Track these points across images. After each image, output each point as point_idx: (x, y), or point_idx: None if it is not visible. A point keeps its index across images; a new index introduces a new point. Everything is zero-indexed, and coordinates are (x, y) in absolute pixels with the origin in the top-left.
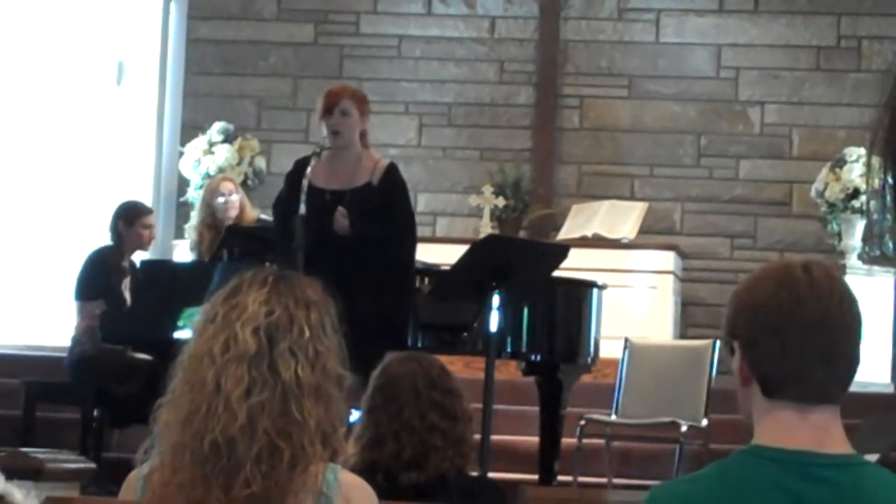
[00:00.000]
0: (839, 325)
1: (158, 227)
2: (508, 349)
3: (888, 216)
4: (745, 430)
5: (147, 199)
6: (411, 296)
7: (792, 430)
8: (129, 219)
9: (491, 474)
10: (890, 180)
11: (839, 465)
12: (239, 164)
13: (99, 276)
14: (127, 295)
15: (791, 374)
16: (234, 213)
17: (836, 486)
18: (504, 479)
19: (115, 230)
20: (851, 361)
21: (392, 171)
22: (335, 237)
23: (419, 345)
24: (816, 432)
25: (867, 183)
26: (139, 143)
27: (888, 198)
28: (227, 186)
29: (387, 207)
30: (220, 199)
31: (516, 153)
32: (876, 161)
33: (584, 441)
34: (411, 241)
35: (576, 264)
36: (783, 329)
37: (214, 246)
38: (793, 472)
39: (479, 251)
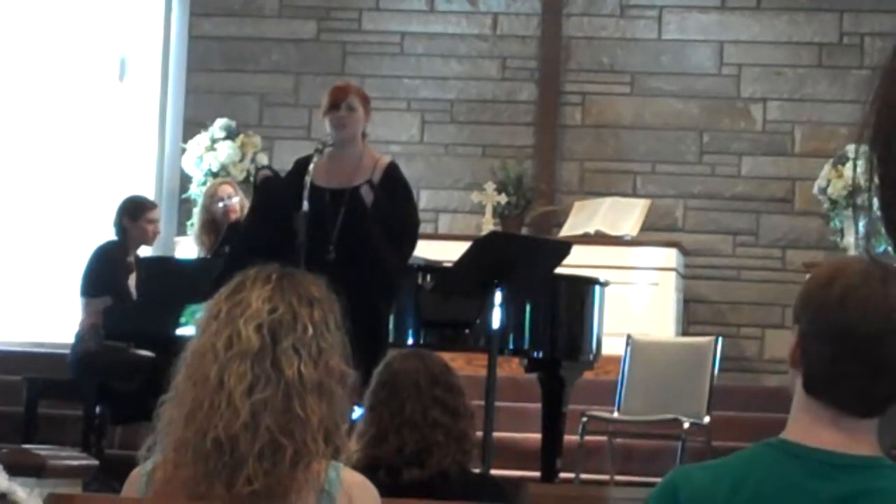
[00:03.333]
0: None
1: (161, 224)
2: (511, 346)
3: (873, 217)
4: (747, 427)
5: (149, 196)
6: (393, 295)
7: (821, 430)
8: (134, 214)
9: (493, 471)
10: (876, 180)
11: (861, 466)
12: (241, 160)
13: (105, 273)
14: (133, 291)
15: (835, 383)
16: (234, 216)
17: (857, 487)
18: (506, 476)
19: (120, 225)
20: None
21: (392, 170)
22: (334, 236)
23: (421, 341)
24: (845, 435)
25: (853, 182)
26: (141, 139)
27: (873, 198)
28: (225, 190)
29: (389, 208)
30: (220, 205)
31: (518, 150)
32: (861, 160)
33: (587, 438)
34: (412, 242)
35: (578, 261)
36: (839, 340)
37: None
38: (814, 471)
39: (482, 248)
